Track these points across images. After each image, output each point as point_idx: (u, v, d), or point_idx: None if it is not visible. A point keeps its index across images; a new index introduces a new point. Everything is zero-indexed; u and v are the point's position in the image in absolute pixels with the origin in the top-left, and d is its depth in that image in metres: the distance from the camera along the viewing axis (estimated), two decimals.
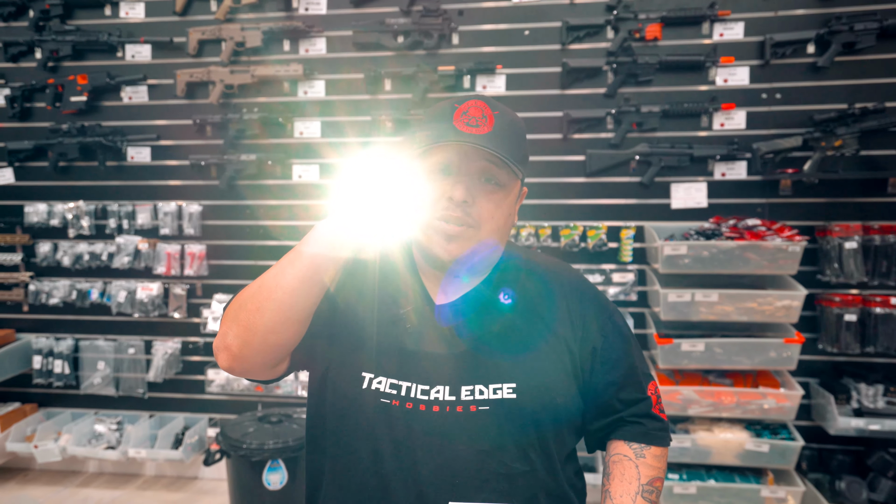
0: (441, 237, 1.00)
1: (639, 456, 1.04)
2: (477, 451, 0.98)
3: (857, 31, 2.64)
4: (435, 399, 1.00)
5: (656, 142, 2.83)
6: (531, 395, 1.00)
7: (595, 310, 1.09)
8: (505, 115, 1.03)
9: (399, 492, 0.98)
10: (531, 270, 1.10)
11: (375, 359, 1.02)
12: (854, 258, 2.67)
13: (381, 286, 1.08)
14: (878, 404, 2.67)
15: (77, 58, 3.19)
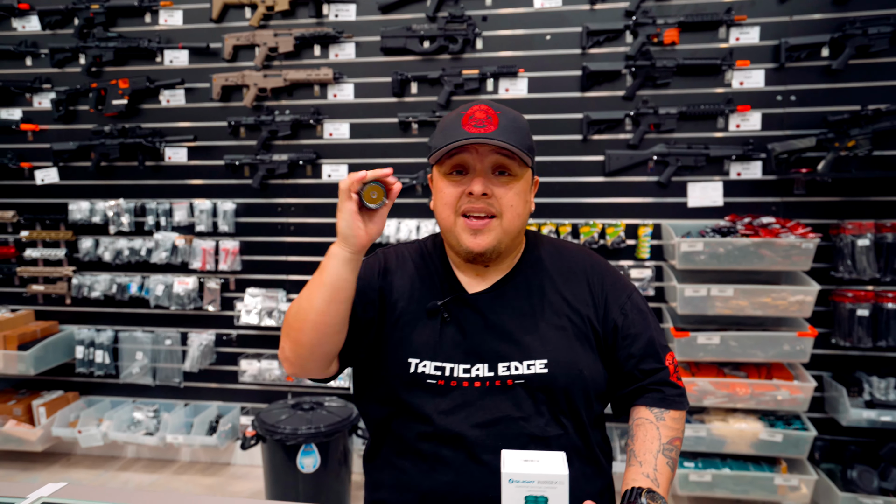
0: (468, 233, 1.14)
1: (659, 419, 1.15)
2: (515, 419, 1.11)
3: (871, 34, 2.71)
4: (476, 376, 1.13)
5: (673, 142, 2.93)
6: (561, 370, 1.13)
7: (615, 290, 1.21)
8: (508, 113, 1.15)
9: (449, 455, 1.12)
10: (555, 256, 1.24)
11: (419, 346, 1.16)
12: (867, 255, 2.75)
13: (419, 280, 1.21)
14: (890, 397, 2.75)
15: (119, 63, 3.35)
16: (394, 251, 1.30)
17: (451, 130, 1.14)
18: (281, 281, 3.33)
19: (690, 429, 2.78)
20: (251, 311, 3.27)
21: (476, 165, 1.13)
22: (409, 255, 1.27)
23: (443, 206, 1.17)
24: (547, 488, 0.80)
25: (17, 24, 3.42)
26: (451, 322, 1.17)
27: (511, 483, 0.81)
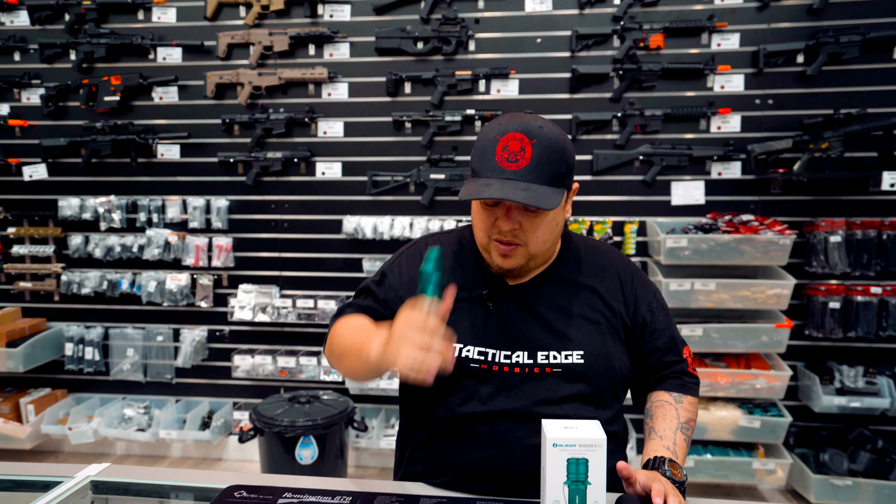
0: (497, 254, 1.20)
1: (678, 402, 1.26)
2: (550, 404, 1.20)
3: (843, 42, 2.88)
4: (516, 362, 1.21)
5: (658, 143, 3.06)
6: (595, 361, 1.21)
7: (643, 289, 1.31)
8: (542, 141, 1.13)
9: (486, 433, 1.20)
10: (589, 255, 1.32)
11: (464, 332, 1.22)
12: (838, 251, 2.92)
13: (461, 270, 1.28)
14: (859, 384, 2.91)
15: (110, 59, 3.35)
16: (434, 240, 1.35)
17: (484, 160, 1.15)
18: (274, 277, 3.37)
19: None
20: (245, 306, 3.30)
21: (505, 203, 1.15)
22: (450, 244, 1.33)
23: (478, 229, 1.23)
24: (587, 451, 0.89)
25: (6, 18, 3.39)
26: (493, 311, 1.24)
27: (555, 447, 0.90)
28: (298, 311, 3.26)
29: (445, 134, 3.19)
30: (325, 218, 3.31)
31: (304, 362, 3.29)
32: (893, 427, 3.00)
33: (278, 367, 3.29)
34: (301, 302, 3.26)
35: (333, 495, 1.13)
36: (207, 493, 1.18)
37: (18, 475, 1.18)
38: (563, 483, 0.90)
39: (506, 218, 1.16)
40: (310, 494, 1.13)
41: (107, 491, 1.17)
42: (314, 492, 1.14)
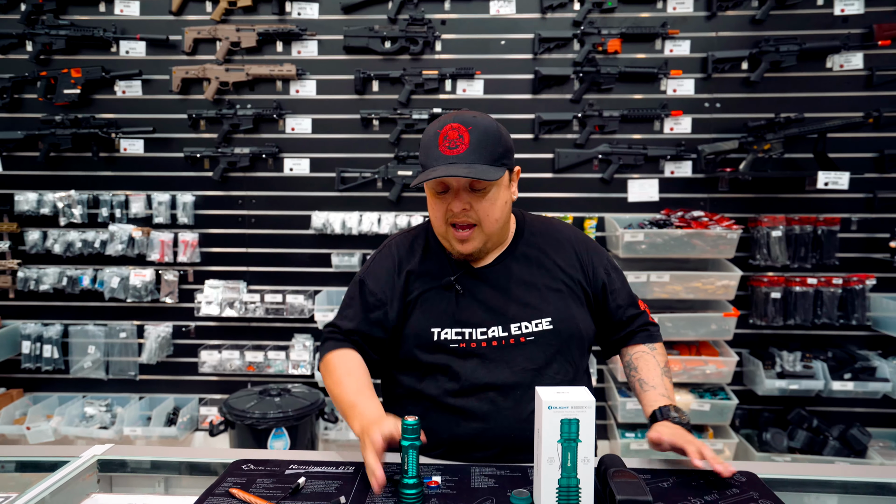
0: (456, 241, 1.33)
1: (651, 349, 1.43)
2: (529, 370, 1.32)
3: (782, 52, 3.11)
4: (492, 337, 1.33)
5: (616, 143, 3.23)
6: (562, 325, 1.35)
7: (597, 255, 1.46)
8: (479, 126, 1.26)
9: (475, 406, 1.31)
10: (543, 230, 1.46)
11: (439, 316, 1.34)
12: (779, 245, 3.15)
13: (430, 262, 1.39)
14: (797, 368, 3.14)
15: (70, 52, 3.29)
16: (402, 240, 1.46)
17: (430, 152, 1.27)
18: (242, 272, 3.38)
19: (631, 402, 3.07)
20: (212, 302, 3.30)
21: (453, 183, 1.28)
22: (417, 239, 1.45)
23: (434, 219, 1.35)
24: (578, 412, 1.00)
25: None
26: (465, 293, 1.36)
27: (550, 409, 1.00)
28: (266, 305, 3.28)
29: (413, 132, 3.27)
30: (294, 213, 3.34)
31: (272, 357, 3.31)
32: (827, 407, 3.25)
33: (246, 361, 3.30)
34: (269, 297, 3.28)
35: (337, 465, 1.20)
36: (211, 469, 1.23)
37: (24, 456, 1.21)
38: (556, 441, 1.01)
39: (456, 199, 1.28)
40: (314, 465, 1.20)
41: (113, 469, 1.21)
42: (318, 463, 1.21)
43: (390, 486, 1.11)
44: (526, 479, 1.17)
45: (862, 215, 3.18)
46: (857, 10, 3.11)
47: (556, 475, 1.01)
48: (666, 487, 1.14)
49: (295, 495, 1.08)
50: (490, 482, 1.15)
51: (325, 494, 1.09)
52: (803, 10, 3.14)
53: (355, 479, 1.15)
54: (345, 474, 1.17)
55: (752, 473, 1.17)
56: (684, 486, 1.14)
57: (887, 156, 3.13)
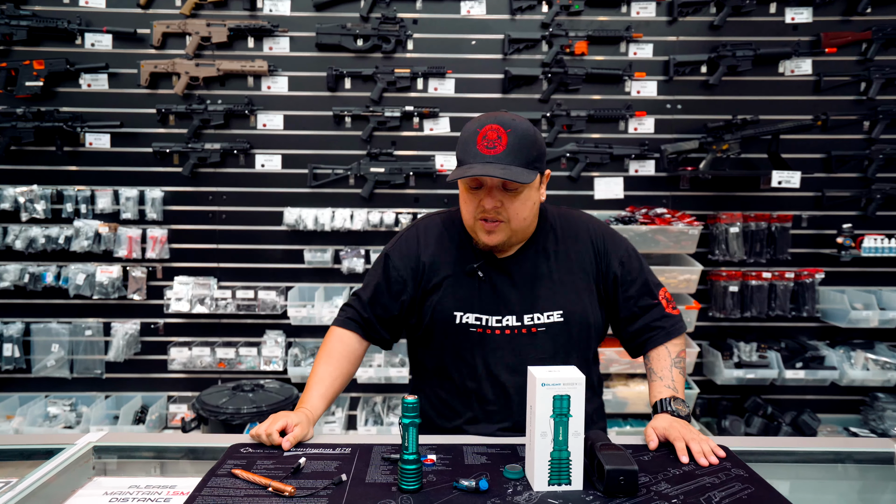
0: (483, 232, 1.39)
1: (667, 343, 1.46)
2: (538, 358, 1.38)
3: (738, 56, 3.26)
4: (506, 325, 1.41)
5: (583, 142, 3.33)
6: (573, 318, 1.42)
7: (613, 245, 1.49)
8: (517, 130, 1.31)
9: (485, 386, 1.40)
10: (563, 224, 1.50)
11: (462, 301, 1.42)
12: (736, 241, 3.30)
13: (454, 248, 1.47)
14: (753, 358, 3.30)
15: (32, 43, 3.21)
16: (430, 223, 1.53)
17: (468, 148, 1.33)
18: (212, 269, 3.36)
19: (609, 393, 3.17)
20: (181, 298, 3.27)
21: (487, 183, 1.33)
22: (444, 225, 1.51)
23: (465, 211, 1.41)
24: (569, 388, 1.06)
25: None
26: (485, 282, 1.42)
27: (543, 386, 1.06)
28: (238, 302, 3.27)
29: (385, 129, 3.31)
30: (265, 210, 3.34)
31: (243, 353, 3.30)
32: (780, 395, 3.42)
33: (217, 358, 3.28)
34: (241, 293, 3.27)
35: (334, 447, 1.24)
36: (205, 454, 1.26)
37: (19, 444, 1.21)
38: (549, 416, 1.07)
39: (489, 197, 1.33)
40: (311, 448, 1.23)
41: (109, 455, 1.22)
42: (315, 445, 1.24)
43: (388, 464, 1.16)
44: (516, 456, 1.23)
45: (811, 213, 3.37)
46: (807, 19, 3.29)
47: (549, 448, 1.08)
48: (646, 460, 1.22)
49: (297, 474, 1.12)
50: (482, 459, 1.21)
51: (326, 473, 1.13)
52: (757, 17, 3.30)
53: (353, 459, 1.19)
54: (342, 455, 1.21)
55: (725, 446, 1.26)
56: (663, 458, 1.22)
57: (834, 157, 3.32)
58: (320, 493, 1.05)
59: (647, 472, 1.15)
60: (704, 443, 1.24)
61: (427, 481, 1.11)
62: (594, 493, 1.07)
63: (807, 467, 1.30)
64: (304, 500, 1.03)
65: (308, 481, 1.09)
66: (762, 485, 1.10)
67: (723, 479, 1.12)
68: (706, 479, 1.12)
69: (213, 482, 1.07)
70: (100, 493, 1.05)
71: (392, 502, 1.03)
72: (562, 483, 1.08)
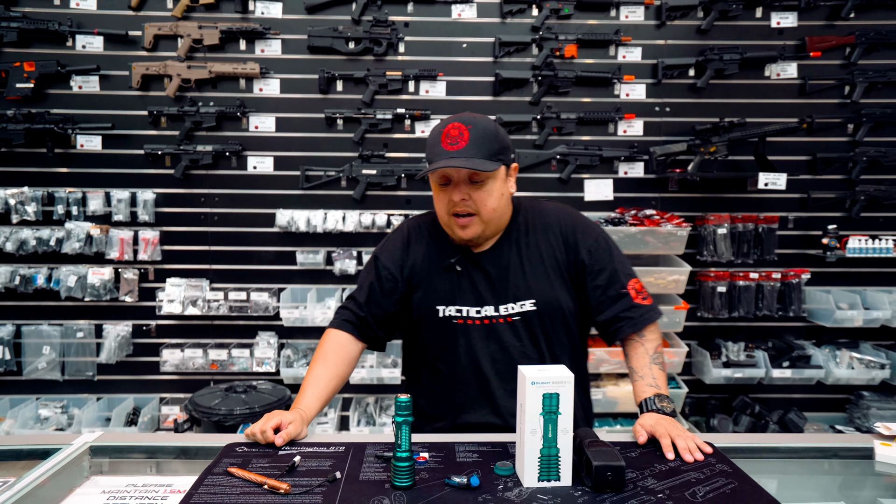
0: (457, 227, 1.47)
1: (641, 336, 1.50)
2: (514, 345, 1.46)
3: (726, 60, 3.31)
4: (484, 315, 1.49)
5: (573, 144, 3.37)
6: (545, 307, 1.49)
7: (583, 235, 1.54)
8: (477, 126, 1.41)
9: (469, 374, 1.47)
10: (536, 216, 1.56)
11: (442, 295, 1.50)
12: (724, 241, 3.35)
13: (436, 245, 1.55)
14: (741, 357, 3.35)
15: (22, 45, 3.21)
16: (414, 224, 1.63)
17: (434, 149, 1.43)
18: (204, 270, 3.36)
19: (599, 393, 3.20)
20: (174, 300, 3.27)
21: (455, 176, 1.42)
22: (426, 225, 1.60)
23: (438, 208, 1.50)
24: (559, 387, 1.09)
25: None
26: (463, 275, 1.51)
27: (533, 385, 1.09)
28: (230, 303, 3.28)
29: (377, 131, 3.33)
30: (258, 211, 3.35)
31: (235, 354, 3.31)
32: (767, 394, 3.47)
33: (209, 359, 3.29)
34: (233, 294, 3.28)
35: (328, 446, 1.26)
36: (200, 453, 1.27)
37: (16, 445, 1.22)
38: (539, 414, 1.10)
39: (456, 190, 1.43)
40: (306, 447, 1.25)
41: (105, 455, 1.23)
42: (309, 444, 1.27)
43: (381, 462, 1.18)
44: (507, 454, 1.26)
45: (797, 214, 3.42)
46: (792, 24, 3.34)
47: (539, 445, 1.10)
48: (634, 456, 1.25)
49: (292, 472, 1.14)
50: (474, 456, 1.24)
51: (321, 471, 1.15)
52: (744, 21, 3.35)
53: (347, 457, 1.22)
54: (337, 453, 1.23)
55: (710, 443, 1.29)
56: (650, 454, 1.25)
57: (819, 159, 3.37)
58: (315, 491, 1.07)
59: (634, 468, 1.18)
60: (690, 439, 1.27)
61: (420, 478, 1.13)
62: (582, 489, 1.10)
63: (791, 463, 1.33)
64: (299, 497, 1.05)
65: (303, 479, 1.11)
66: (746, 480, 1.13)
67: (707, 475, 1.15)
68: (691, 475, 1.15)
69: (209, 480, 1.09)
70: (97, 492, 1.06)
71: (385, 499, 1.05)
72: (551, 479, 1.11)
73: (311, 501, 1.04)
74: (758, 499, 1.05)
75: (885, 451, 1.23)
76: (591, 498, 1.07)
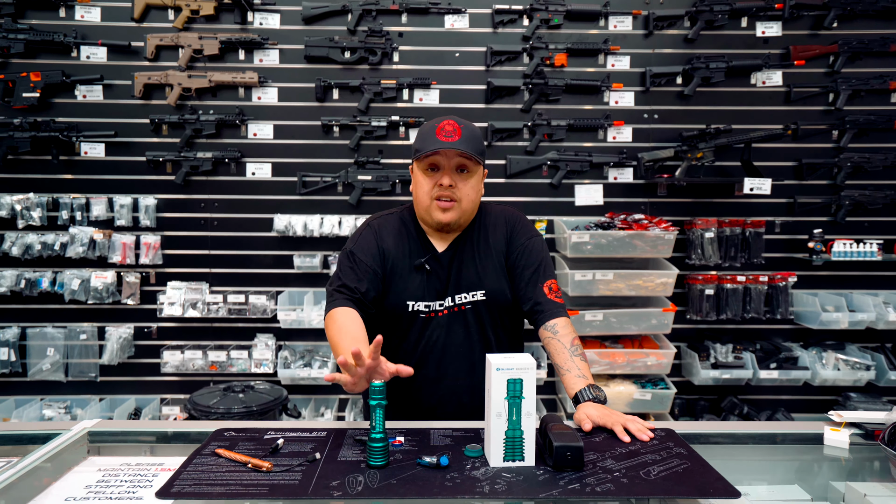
0: (439, 211, 1.60)
1: (554, 332, 1.59)
2: (467, 331, 1.63)
3: (712, 68, 3.39)
4: (443, 306, 1.64)
5: (563, 150, 3.45)
6: (492, 296, 1.65)
7: (519, 235, 1.71)
8: (468, 127, 1.60)
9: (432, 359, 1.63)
10: (489, 217, 1.73)
11: (413, 292, 1.63)
12: (711, 245, 3.42)
13: (404, 242, 1.67)
14: (728, 359, 3.41)
15: (29, 56, 3.32)
16: (383, 221, 1.73)
17: (428, 138, 1.58)
18: (204, 274, 3.46)
19: None
20: (174, 303, 3.36)
21: (445, 164, 1.58)
22: (394, 223, 1.72)
23: (421, 192, 1.63)
24: (522, 373, 1.17)
25: None
26: (431, 273, 1.65)
27: (498, 371, 1.17)
28: (229, 306, 3.37)
29: (372, 138, 3.43)
30: (256, 216, 3.44)
31: (234, 356, 3.39)
32: (755, 395, 3.53)
33: (209, 361, 3.37)
34: (232, 297, 3.37)
35: (311, 430, 1.34)
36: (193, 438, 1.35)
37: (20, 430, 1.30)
38: (504, 398, 1.17)
39: (445, 176, 1.58)
40: (290, 431, 1.34)
41: (103, 440, 1.31)
42: (293, 429, 1.35)
43: (359, 445, 1.26)
44: (478, 438, 1.33)
45: (784, 218, 3.49)
46: (776, 33, 3.43)
47: (504, 428, 1.18)
48: (598, 441, 1.32)
49: (275, 454, 1.22)
50: (447, 440, 1.32)
51: (302, 452, 1.23)
52: (730, 31, 3.44)
53: (328, 440, 1.29)
54: (318, 437, 1.31)
55: (670, 429, 1.37)
56: (613, 439, 1.33)
57: (805, 164, 3.45)
58: (295, 469, 1.15)
59: (596, 451, 1.25)
60: (638, 422, 1.38)
61: (394, 459, 1.21)
62: (545, 468, 1.18)
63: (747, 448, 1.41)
64: (280, 475, 1.13)
65: (285, 459, 1.19)
66: (699, 461, 1.20)
67: (664, 457, 1.22)
68: (648, 457, 1.22)
69: (197, 460, 1.17)
70: (93, 470, 1.14)
71: (360, 476, 1.13)
72: (516, 459, 1.19)
73: (290, 479, 1.12)
74: (707, 477, 1.13)
75: (833, 436, 1.30)
76: (551, 476, 1.14)
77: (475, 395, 1.50)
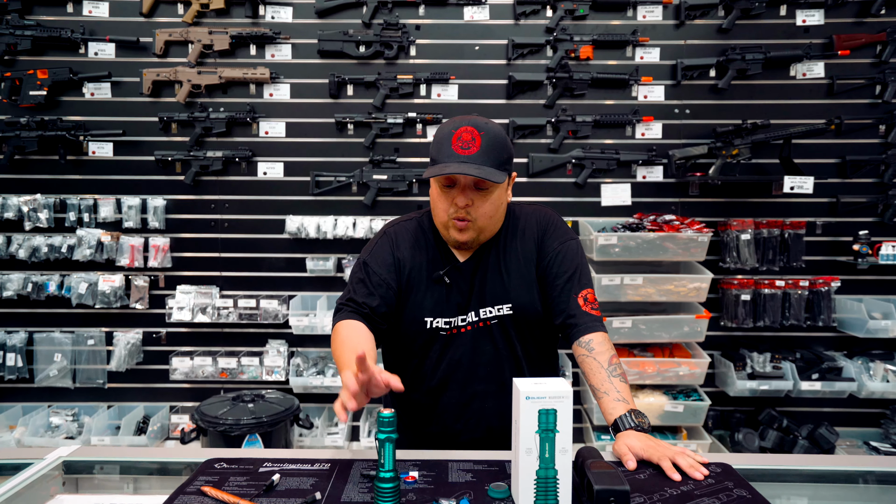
0: (455, 230, 1.44)
1: (590, 350, 1.40)
2: (494, 347, 1.47)
3: (748, 60, 3.19)
4: (467, 322, 1.47)
5: (588, 147, 3.27)
6: (521, 309, 1.48)
7: (552, 239, 1.51)
8: (489, 133, 1.38)
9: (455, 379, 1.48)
10: (519, 222, 1.54)
11: (432, 307, 1.47)
12: (748, 248, 3.21)
13: (422, 252, 1.51)
14: (767, 369, 3.20)
15: (36, 53, 3.23)
16: (400, 228, 1.57)
17: (443, 148, 1.39)
18: (214, 277, 3.33)
19: None
20: (183, 307, 3.24)
21: (461, 181, 1.40)
22: (412, 231, 1.55)
23: (439, 210, 1.45)
24: (556, 402, 1.00)
25: None
26: (451, 286, 1.48)
27: (527, 400, 1.00)
28: (240, 311, 3.24)
29: (387, 136, 3.27)
30: (267, 217, 3.31)
31: (245, 362, 3.26)
32: (796, 407, 3.31)
33: (219, 368, 3.25)
34: (243, 302, 3.24)
35: (312, 462, 1.18)
36: (182, 470, 1.21)
37: None
38: (534, 432, 1.01)
39: (461, 195, 1.39)
40: (289, 463, 1.18)
41: (80, 471, 1.17)
42: (293, 460, 1.19)
43: (367, 482, 1.10)
44: (504, 473, 1.17)
45: (826, 219, 3.27)
46: (818, 21, 3.21)
47: (535, 466, 1.01)
48: (643, 479, 1.15)
49: (269, 492, 1.07)
50: (468, 476, 1.15)
51: (300, 491, 1.07)
52: (767, 20, 3.23)
53: (331, 475, 1.14)
54: (320, 471, 1.15)
55: (727, 464, 1.19)
56: (660, 476, 1.15)
57: (849, 161, 3.22)
58: None
59: (642, 493, 1.08)
60: (689, 456, 1.20)
61: (406, 500, 1.05)
62: None
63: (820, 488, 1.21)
64: None
65: (280, 500, 1.04)
66: None
67: (724, 501, 1.05)
68: (705, 501, 1.05)
69: (179, 500, 1.02)
70: None
71: None
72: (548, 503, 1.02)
73: None
74: None
75: None
76: None
77: (505, 417, 1.30)
